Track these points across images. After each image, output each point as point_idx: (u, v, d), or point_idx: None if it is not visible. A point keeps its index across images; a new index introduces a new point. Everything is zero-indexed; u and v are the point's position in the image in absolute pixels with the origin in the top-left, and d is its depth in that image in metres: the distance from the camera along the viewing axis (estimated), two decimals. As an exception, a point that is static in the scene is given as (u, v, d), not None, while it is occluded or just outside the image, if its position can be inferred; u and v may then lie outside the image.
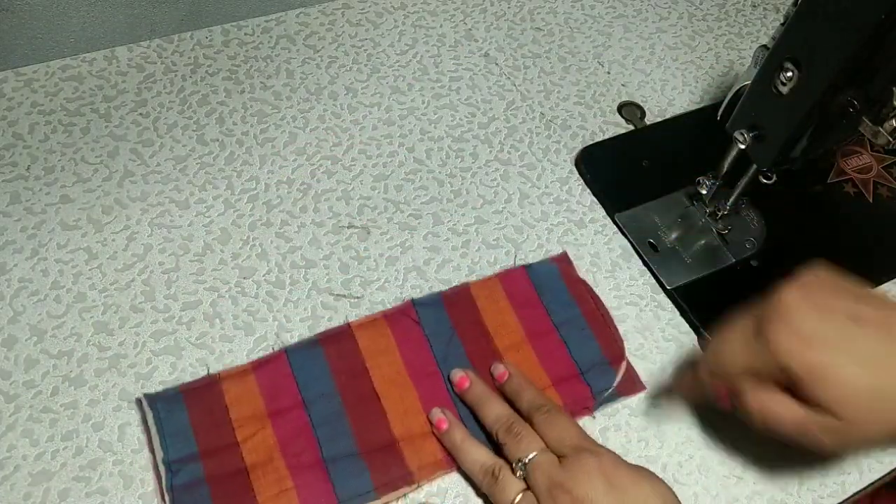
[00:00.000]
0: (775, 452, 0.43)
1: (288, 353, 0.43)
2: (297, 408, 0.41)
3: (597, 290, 0.49)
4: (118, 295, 0.46)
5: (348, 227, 0.51)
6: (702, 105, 0.61)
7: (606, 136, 0.58)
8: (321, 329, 0.45)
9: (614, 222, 0.53)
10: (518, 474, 0.37)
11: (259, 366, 0.43)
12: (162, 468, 0.38)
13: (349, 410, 0.41)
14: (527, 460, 0.37)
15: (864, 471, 0.43)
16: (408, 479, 0.40)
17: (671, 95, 0.62)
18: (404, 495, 0.40)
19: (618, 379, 0.45)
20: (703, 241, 0.52)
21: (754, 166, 0.47)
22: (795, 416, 0.34)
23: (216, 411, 0.40)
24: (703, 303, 0.49)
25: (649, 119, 0.60)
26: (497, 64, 0.62)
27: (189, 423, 0.40)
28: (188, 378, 0.43)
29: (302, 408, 0.41)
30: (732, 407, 0.37)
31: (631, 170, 0.54)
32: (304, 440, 0.40)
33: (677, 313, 0.49)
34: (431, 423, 0.41)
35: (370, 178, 0.53)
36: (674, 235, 0.52)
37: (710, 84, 0.63)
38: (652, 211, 0.53)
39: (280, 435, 0.40)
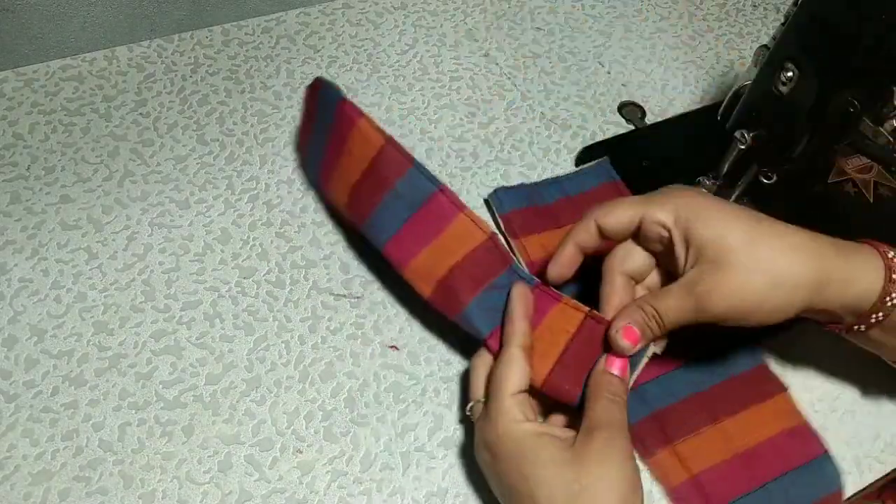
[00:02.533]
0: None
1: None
2: None
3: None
4: (118, 295, 0.46)
5: (349, 227, 0.51)
6: (702, 105, 0.61)
7: (607, 136, 0.58)
8: (322, 327, 0.45)
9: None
10: None
11: None
12: None
13: None
14: None
15: (864, 471, 0.43)
16: None
17: (671, 95, 0.62)
18: None
19: None
20: (703, 241, 0.52)
21: (754, 166, 0.47)
22: (684, 294, 0.36)
23: None
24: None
25: (649, 119, 0.60)
26: (497, 64, 0.62)
27: None
28: (188, 378, 0.43)
29: None
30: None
31: (631, 170, 0.54)
32: None
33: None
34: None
35: (370, 178, 0.53)
36: (674, 235, 0.52)
37: (710, 84, 0.63)
38: (652, 211, 0.53)
39: None
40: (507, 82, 0.61)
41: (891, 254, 0.36)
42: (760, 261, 0.34)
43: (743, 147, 0.45)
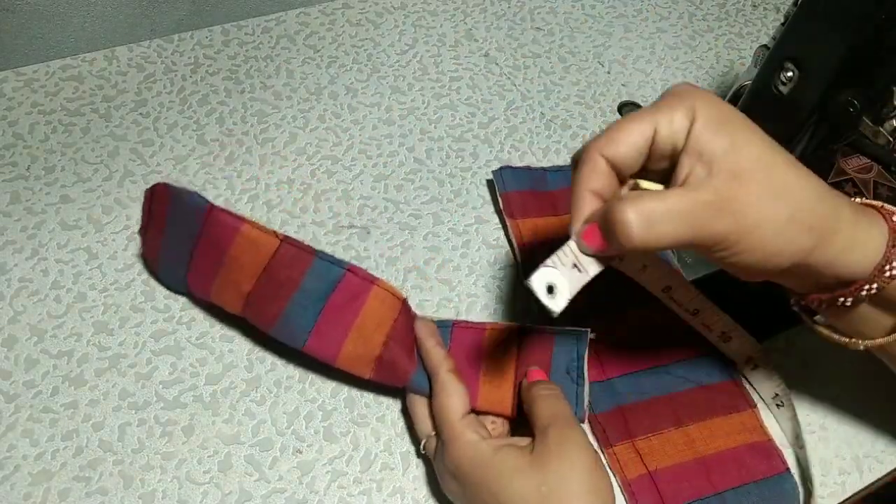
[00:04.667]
0: (775, 452, 0.43)
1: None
2: None
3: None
4: (118, 295, 0.46)
5: (348, 227, 0.51)
6: (702, 105, 0.61)
7: (606, 136, 0.58)
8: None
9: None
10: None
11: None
12: None
13: None
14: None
15: (864, 471, 0.43)
16: None
17: (671, 95, 0.62)
18: None
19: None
20: (703, 241, 0.52)
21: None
22: (686, 201, 0.28)
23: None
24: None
25: (649, 119, 0.60)
26: (497, 64, 0.62)
27: None
28: (188, 378, 0.43)
29: None
30: (604, 242, 0.30)
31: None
32: None
33: (677, 313, 0.49)
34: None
35: (370, 178, 0.53)
36: (674, 235, 0.52)
37: (710, 84, 0.63)
38: (652, 211, 0.53)
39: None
40: (507, 82, 0.61)
41: None
42: (784, 187, 0.29)
43: (743, 147, 0.45)
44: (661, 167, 0.31)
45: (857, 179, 0.57)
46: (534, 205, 0.51)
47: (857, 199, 0.33)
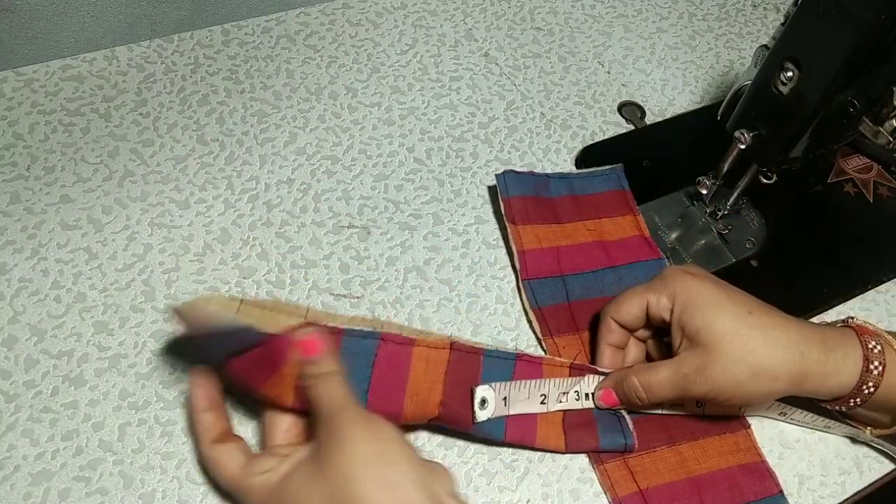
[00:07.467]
0: (775, 453, 0.43)
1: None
2: None
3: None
4: (118, 295, 0.46)
5: (348, 227, 0.51)
6: (702, 105, 0.61)
7: (606, 136, 0.58)
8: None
9: (614, 222, 0.53)
10: None
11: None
12: None
13: None
14: None
15: (865, 471, 0.43)
16: None
17: (671, 95, 0.62)
18: None
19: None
20: (703, 241, 0.52)
21: (754, 166, 0.47)
22: (670, 373, 0.38)
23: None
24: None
25: (649, 119, 0.60)
26: (497, 64, 0.62)
27: None
28: (188, 377, 0.43)
29: None
30: (616, 401, 0.41)
31: (631, 170, 0.54)
32: None
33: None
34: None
35: (370, 178, 0.53)
36: (674, 235, 0.52)
37: (710, 84, 0.63)
38: (652, 211, 0.53)
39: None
40: (507, 82, 0.61)
41: (871, 343, 0.38)
42: (744, 352, 0.37)
43: (743, 147, 0.45)
44: (661, 326, 0.41)
45: (857, 179, 0.57)
46: (536, 211, 0.50)
47: (842, 323, 0.41)
